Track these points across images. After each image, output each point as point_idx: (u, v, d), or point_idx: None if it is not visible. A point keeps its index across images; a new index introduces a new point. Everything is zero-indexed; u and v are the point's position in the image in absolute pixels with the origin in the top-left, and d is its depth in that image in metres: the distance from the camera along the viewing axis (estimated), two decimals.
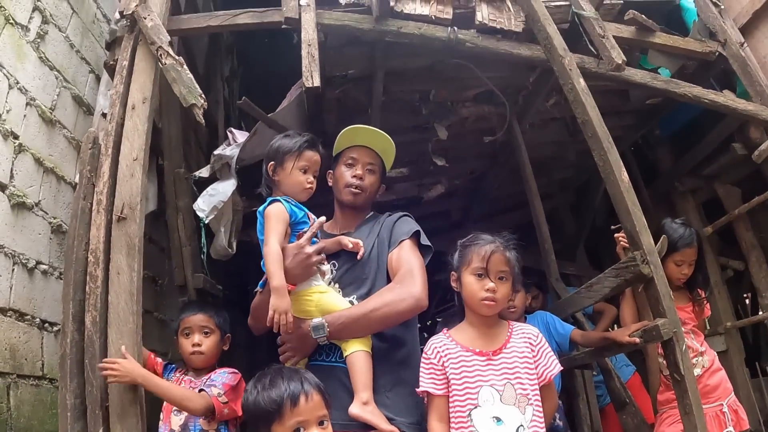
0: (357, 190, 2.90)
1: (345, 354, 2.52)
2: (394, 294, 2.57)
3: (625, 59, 3.45)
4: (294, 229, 2.65)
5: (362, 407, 2.37)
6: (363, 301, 2.62)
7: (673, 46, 4.05)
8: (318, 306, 2.56)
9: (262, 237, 2.64)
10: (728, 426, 3.29)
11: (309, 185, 2.76)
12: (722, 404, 3.34)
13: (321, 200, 2.91)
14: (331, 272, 2.76)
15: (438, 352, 2.45)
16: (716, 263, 5.10)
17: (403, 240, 2.75)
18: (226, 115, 5.17)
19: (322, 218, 2.74)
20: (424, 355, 2.50)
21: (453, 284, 2.56)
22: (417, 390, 2.46)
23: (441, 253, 2.77)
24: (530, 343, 2.46)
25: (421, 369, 2.47)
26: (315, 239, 2.70)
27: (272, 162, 2.80)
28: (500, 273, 2.43)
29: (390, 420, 2.41)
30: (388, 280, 2.71)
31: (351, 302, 2.66)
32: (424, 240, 2.81)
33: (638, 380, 4.68)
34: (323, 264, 2.68)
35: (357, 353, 2.49)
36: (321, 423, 1.98)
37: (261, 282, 2.69)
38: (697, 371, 3.26)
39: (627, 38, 3.92)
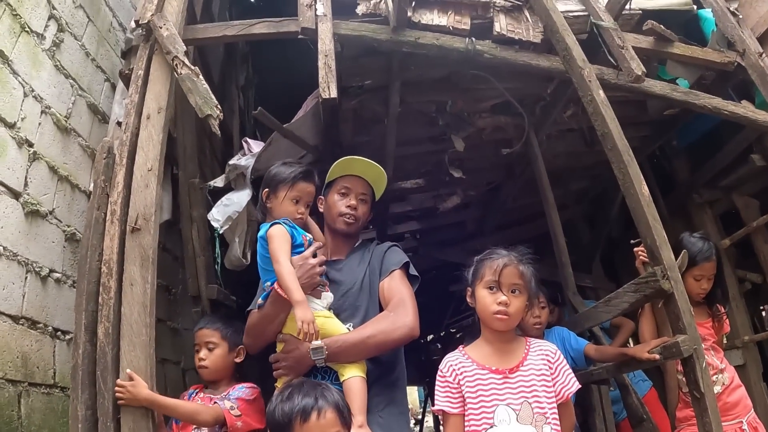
0: (351, 220, 3.00)
1: (342, 378, 2.60)
2: (389, 322, 2.68)
3: (644, 70, 3.40)
4: (292, 252, 2.73)
5: (357, 430, 2.40)
6: (360, 327, 2.72)
7: (691, 57, 4.01)
8: (320, 330, 2.59)
9: (263, 264, 2.76)
10: None
11: (299, 216, 2.88)
12: (742, 421, 3.29)
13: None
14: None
15: (453, 370, 2.41)
16: (734, 276, 5.02)
17: (394, 270, 2.88)
18: (242, 125, 5.17)
19: (319, 243, 2.87)
20: (439, 373, 2.46)
21: (468, 300, 2.54)
22: (432, 409, 2.43)
23: (455, 264, 2.77)
24: (548, 360, 2.41)
25: (436, 387, 2.44)
26: None
27: (266, 189, 2.91)
28: (513, 286, 2.40)
29: None
30: (380, 308, 2.81)
31: (348, 329, 2.73)
32: (413, 270, 2.94)
33: (655, 396, 4.61)
34: (325, 288, 2.78)
35: (354, 378, 2.58)
36: None
37: (263, 295, 2.76)
38: (717, 389, 3.20)
39: (645, 48, 3.89)
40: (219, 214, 3.63)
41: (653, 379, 4.81)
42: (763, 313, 6.90)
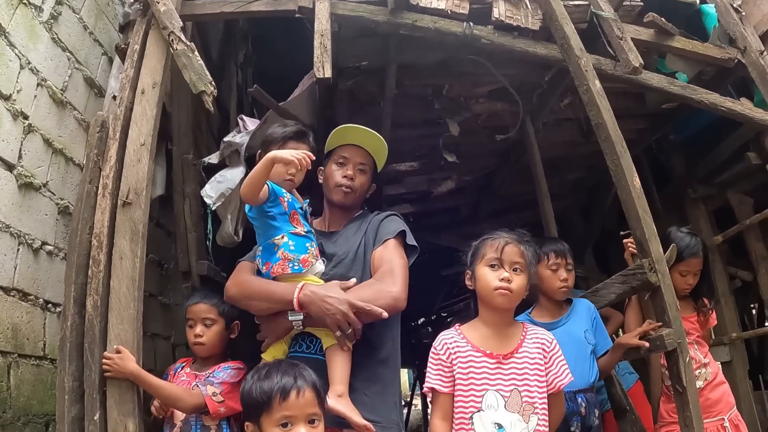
0: (347, 190, 2.89)
1: (326, 346, 2.50)
2: (371, 291, 2.53)
3: (642, 62, 3.39)
4: (276, 216, 2.65)
5: (336, 399, 2.34)
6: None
7: (691, 51, 3.99)
8: None
9: (257, 229, 2.72)
10: None
11: (289, 177, 2.72)
12: (723, 418, 3.31)
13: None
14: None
15: (447, 348, 2.41)
16: (725, 273, 5.04)
17: (388, 239, 2.74)
18: (239, 102, 5.15)
19: (353, 280, 2.65)
20: (433, 350, 2.45)
21: (467, 283, 2.52)
22: (424, 388, 2.42)
23: (448, 249, 2.74)
24: (543, 349, 2.42)
25: (428, 365, 2.43)
26: (312, 236, 2.72)
27: (260, 150, 2.83)
28: (515, 264, 2.40)
29: (367, 419, 2.36)
30: None
31: None
32: (410, 240, 2.80)
33: (641, 389, 4.62)
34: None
35: (336, 346, 2.47)
36: (312, 421, 1.96)
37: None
38: (699, 383, 3.20)
39: (645, 41, 3.86)
40: (212, 191, 3.62)
41: (639, 372, 4.84)
42: (753, 311, 6.94)
